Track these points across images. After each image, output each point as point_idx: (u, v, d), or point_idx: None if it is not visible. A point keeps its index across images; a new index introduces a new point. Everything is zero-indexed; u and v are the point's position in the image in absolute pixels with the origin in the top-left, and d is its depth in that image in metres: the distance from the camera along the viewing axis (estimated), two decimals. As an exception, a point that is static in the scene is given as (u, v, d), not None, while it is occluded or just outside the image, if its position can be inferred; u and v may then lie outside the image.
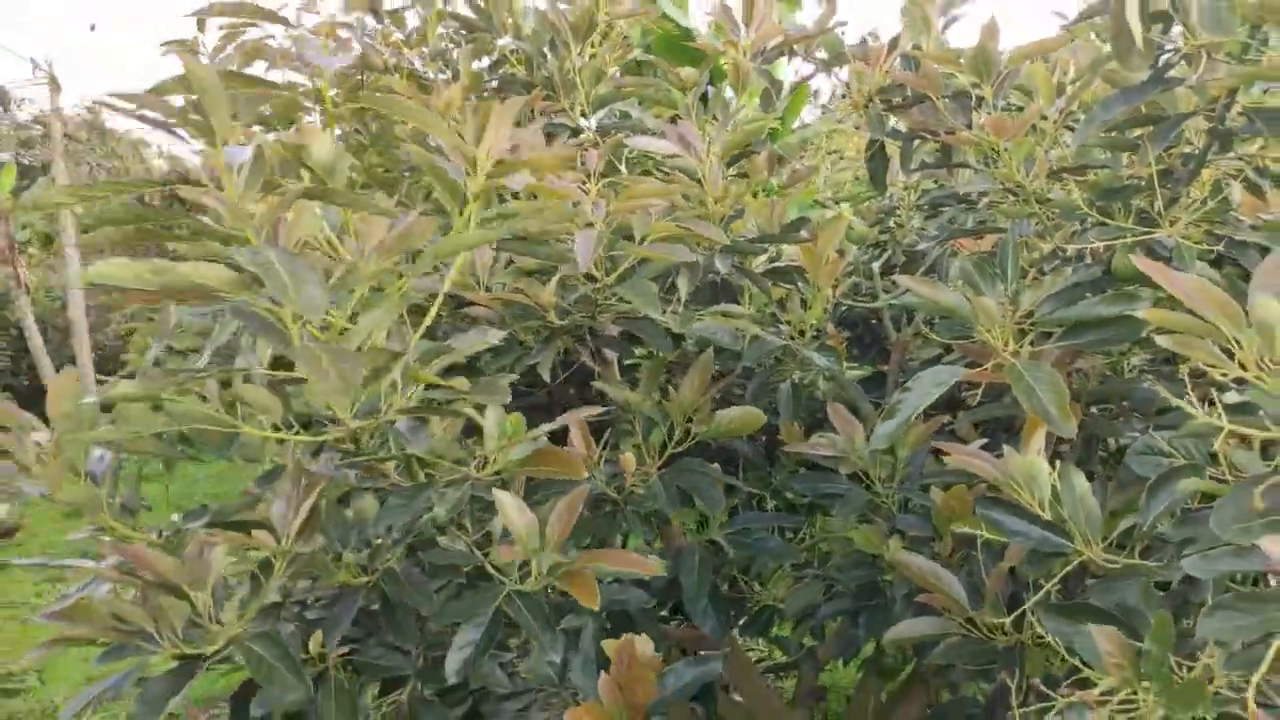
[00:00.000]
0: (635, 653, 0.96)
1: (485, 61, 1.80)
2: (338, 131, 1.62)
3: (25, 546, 5.20)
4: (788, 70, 2.03)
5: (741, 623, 1.76)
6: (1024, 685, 1.10)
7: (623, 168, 1.61)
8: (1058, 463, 1.02)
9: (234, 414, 1.01)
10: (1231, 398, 0.83)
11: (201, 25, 2.03)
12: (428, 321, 1.06)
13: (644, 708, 0.95)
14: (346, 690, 1.00)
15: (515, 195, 1.13)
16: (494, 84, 1.71)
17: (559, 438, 1.19)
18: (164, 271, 0.81)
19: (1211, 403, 0.82)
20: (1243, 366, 0.77)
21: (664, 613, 1.74)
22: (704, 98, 1.68)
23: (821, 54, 1.45)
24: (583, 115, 1.69)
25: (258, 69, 1.51)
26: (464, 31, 1.72)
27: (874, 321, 1.92)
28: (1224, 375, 0.78)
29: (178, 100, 0.92)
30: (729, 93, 1.51)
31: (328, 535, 1.00)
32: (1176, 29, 1.03)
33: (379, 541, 1.10)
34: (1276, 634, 0.72)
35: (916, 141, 1.39)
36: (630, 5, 1.59)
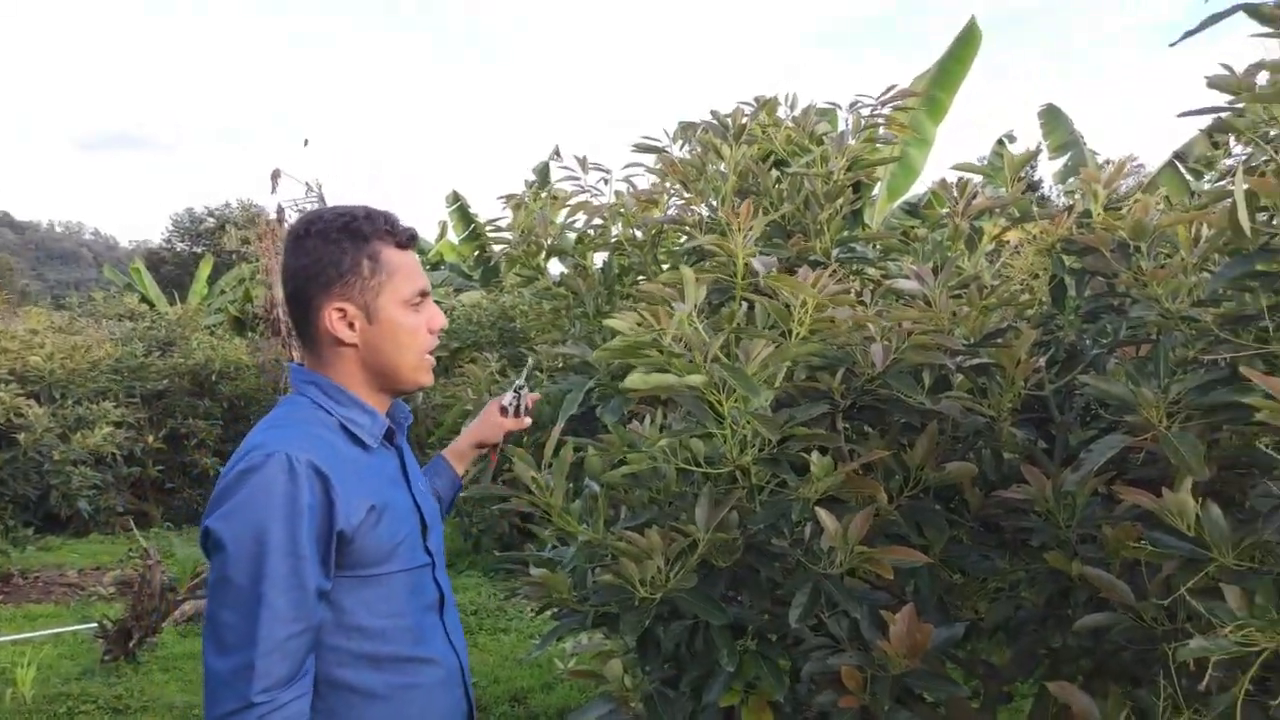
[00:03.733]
0: (913, 615, 1.53)
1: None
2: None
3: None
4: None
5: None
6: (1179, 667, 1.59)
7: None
8: (1200, 499, 1.54)
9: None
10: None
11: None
12: (771, 398, 1.69)
13: (920, 651, 1.51)
14: (728, 629, 1.61)
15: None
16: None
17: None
18: (666, 380, 1.47)
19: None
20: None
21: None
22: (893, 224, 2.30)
23: (1014, 211, 2.04)
24: (824, 253, 2.33)
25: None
26: (739, 196, 2.41)
27: (1036, 405, 2.45)
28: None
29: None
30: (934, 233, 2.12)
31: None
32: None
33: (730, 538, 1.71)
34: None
35: (1088, 277, 1.95)
36: (877, 172, 2.24)
